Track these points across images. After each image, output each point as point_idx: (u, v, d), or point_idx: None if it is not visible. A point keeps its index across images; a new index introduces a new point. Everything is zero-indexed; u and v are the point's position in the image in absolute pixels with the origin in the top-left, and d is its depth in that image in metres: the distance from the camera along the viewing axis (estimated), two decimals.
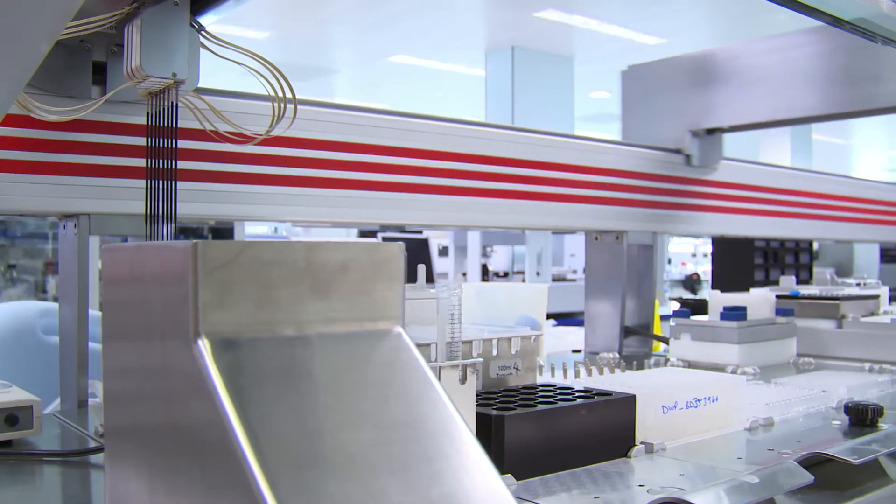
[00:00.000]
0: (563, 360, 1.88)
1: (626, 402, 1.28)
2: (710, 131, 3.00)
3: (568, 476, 1.16)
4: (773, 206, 3.41)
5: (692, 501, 0.97)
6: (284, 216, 1.99)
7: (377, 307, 0.82)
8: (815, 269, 7.16)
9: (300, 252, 0.78)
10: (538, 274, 7.37)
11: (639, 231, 2.75)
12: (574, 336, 2.99)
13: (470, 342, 1.30)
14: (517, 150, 2.44)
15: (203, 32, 1.56)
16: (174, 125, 1.52)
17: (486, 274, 7.87)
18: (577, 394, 1.28)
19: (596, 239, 2.75)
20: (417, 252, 7.25)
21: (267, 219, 2.03)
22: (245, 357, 0.74)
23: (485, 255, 8.17)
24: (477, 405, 1.15)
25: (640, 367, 1.94)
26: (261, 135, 1.68)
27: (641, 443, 1.28)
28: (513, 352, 1.37)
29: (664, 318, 3.04)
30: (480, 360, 1.17)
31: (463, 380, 1.07)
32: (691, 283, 14.10)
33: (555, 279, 7.63)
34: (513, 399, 1.23)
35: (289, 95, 1.59)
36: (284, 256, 0.77)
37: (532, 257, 7.54)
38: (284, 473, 0.67)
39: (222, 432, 0.68)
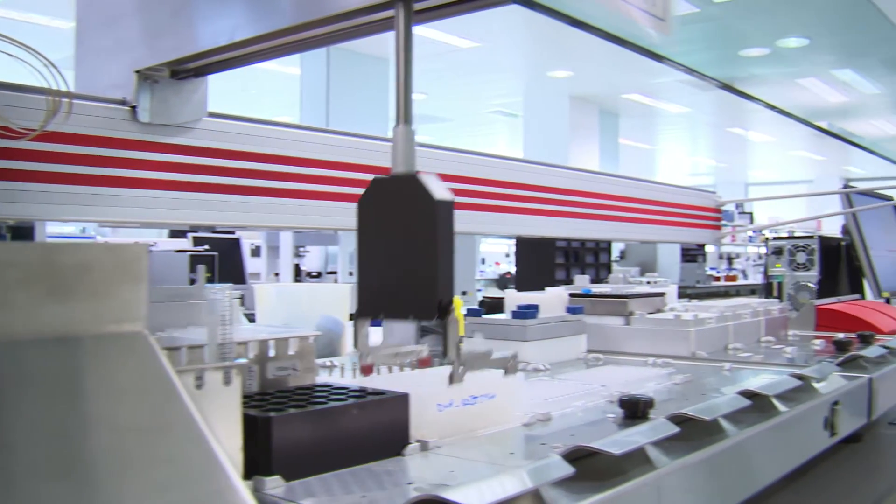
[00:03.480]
0: (354, 361, 1.88)
1: (399, 401, 1.29)
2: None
3: (340, 476, 1.17)
4: (572, 207, 3.52)
5: (449, 498, 0.99)
6: (85, 216, 1.90)
7: (120, 309, 0.80)
8: (617, 268, 7.48)
9: (37, 253, 0.75)
10: (351, 274, 7.35)
11: None
12: (379, 335, 3.00)
13: (245, 343, 1.28)
14: (329, 153, 2.43)
15: None
16: None
17: (298, 274, 7.81)
18: (350, 394, 1.29)
19: None
20: (229, 252, 7.10)
21: (65, 219, 1.94)
22: None
23: (298, 255, 8.10)
24: (249, 406, 1.14)
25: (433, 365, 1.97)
26: (34, 130, 1.61)
27: (417, 441, 1.30)
28: (290, 352, 1.36)
29: None
30: (244, 360, 1.16)
31: (227, 381, 1.05)
32: (504, 281, 14.40)
33: None
34: (285, 400, 1.23)
35: (63, 89, 1.53)
36: (19, 257, 0.74)
37: (345, 258, 7.53)
38: (5, 484, 0.64)
39: None
